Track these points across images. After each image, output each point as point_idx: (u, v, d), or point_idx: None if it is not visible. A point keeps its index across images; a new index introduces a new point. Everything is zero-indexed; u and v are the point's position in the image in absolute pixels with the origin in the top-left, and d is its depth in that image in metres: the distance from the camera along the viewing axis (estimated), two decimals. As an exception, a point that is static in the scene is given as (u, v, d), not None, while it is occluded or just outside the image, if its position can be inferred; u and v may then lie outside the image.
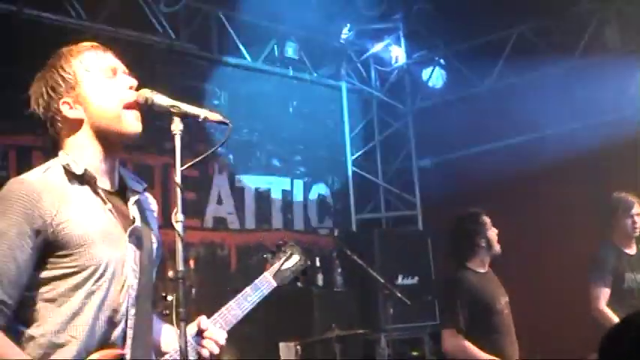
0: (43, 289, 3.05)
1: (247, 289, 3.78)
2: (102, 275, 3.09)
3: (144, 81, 3.36)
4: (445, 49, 11.30)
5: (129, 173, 3.45)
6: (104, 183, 3.24)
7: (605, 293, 7.19)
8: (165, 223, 3.17)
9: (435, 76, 11.57)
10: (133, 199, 3.32)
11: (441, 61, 11.54)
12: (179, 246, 2.94)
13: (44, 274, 3.05)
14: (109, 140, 3.24)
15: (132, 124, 3.21)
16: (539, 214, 10.15)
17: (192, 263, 8.66)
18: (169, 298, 3.08)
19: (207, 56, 9.61)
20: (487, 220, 7.01)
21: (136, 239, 3.22)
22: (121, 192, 3.32)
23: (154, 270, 3.37)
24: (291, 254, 4.10)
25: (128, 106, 3.20)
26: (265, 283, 3.88)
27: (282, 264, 4.03)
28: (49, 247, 3.03)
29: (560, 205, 9.90)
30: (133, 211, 3.29)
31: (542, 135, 10.26)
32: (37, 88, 3.26)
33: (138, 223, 3.27)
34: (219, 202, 9.77)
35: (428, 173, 11.62)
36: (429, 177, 11.56)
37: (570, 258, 9.10)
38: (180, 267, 2.94)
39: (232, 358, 8.15)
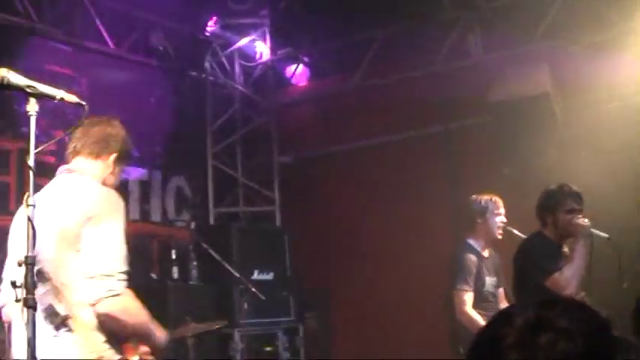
0: None
1: None
2: None
3: (2, 62, 3.29)
4: (310, 47, 11.37)
5: None
6: None
7: (470, 296, 7.10)
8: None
9: (298, 74, 11.64)
10: None
11: (305, 59, 11.61)
12: (29, 231, 2.88)
13: None
14: None
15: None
16: (399, 215, 10.31)
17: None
18: (18, 283, 3.02)
19: (69, 41, 9.40)
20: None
21: None
22: None
23: None
24: None
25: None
26: None
27: None
28: None
29: (421, 206, 10.08)
30: None
31: (403, 137, 10.44)
32: None
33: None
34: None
35: (288, 170, 11.66)
36: (289, 174, 11.62)
37: (429, 259, 9.29)
38: (30, 252, 2.89)
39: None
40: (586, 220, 6.41)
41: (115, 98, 9.70)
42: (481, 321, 6.91)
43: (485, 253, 7.36)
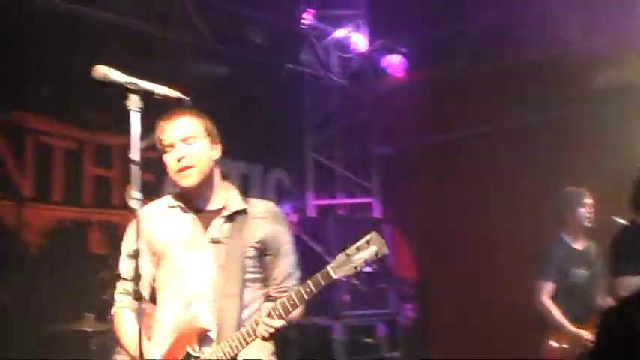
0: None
1: (308, 281, 3.96)
2: (178, 271, 4.09)
3: (103, 60, 3.33)
4: (407, 37, 11.29)
5: (230, 196, 4.28)
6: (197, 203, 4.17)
7: (549, 287, 7.36)
8: (123, 204, 3.19)
9: (395, 64, 11.57)
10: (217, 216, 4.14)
11: (402, 49, 11.54)
12: (135, 224, 2.92)
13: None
14: None
15: (181, 184, 4.14)
16: (499, 206, 10.20)
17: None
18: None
19: (168, 37, 9.52)
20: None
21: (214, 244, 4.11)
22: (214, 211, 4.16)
23: None
24: (367, 243, 4.16)
25: (176, 173, 4.15)
26: (325, 276, 3.98)
27: (352, 255, 4.07)
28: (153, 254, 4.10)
29: (523, 198, 9.95)
30: (216, 223, 4.10)
31: (503, 126, 10.30)
32: None
33: (211, 232, 4.07)
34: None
35: (386, 161, 11.63)
36: (387, 164, 11.59)
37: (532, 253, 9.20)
38: (136, 245, 2.93)
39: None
40: None
41: (215, 93, 9.80)
42: (556, 313, 7.27)
43: (578, 246, 7.52)
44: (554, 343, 7.34)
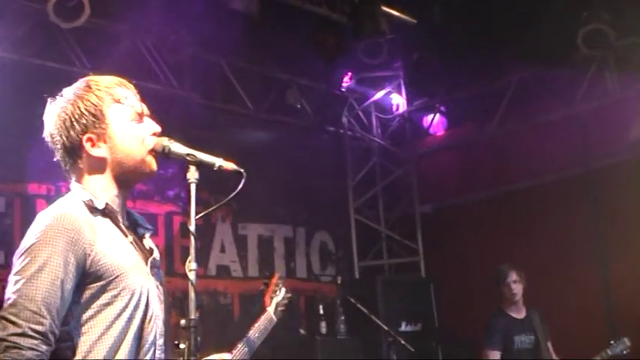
0: (85, 319, 2.94)
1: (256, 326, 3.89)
2: (137, 304, 3.00)
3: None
4: (446, 97, 11.35)
5: (135, 212, 3.34)
6: (121, 218, 3.17)
7: (495, 355, 8.01)
8: (168, 271, 3.21)
9: (435, 123, 11.63)
10: (147, 234, 3.26)
11: (442, 108, 11.60)
12: (191, 294, 2.94)
13: (84, 305, 2.95)
14: (127, 180, 3.19)
15: (152, 167, 3.17)
16: (539, 260, 10.12)
17: (198, 312, 8.61)
18: (182, 346, 3.08)
19: (209, 105, 9.65)
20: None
21: (157, 270, 3.18)
22: (132, 228, 3.23)
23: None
24: (280, 289, 4.48)
25: (150, 152, 3.16)
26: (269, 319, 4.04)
27: (278, 300, 4.31)
28: (86, 277, 2.92)
29: (566, 252, 9.88)
30: (150, 244, 3.24)
31: (544, 181, 10.26)
32: (58, 115, 3.14)
33: (156, 255, 3.22)
34: (222, 250, 9.77)
35: (429, 219, 11.60)
36: (431, 223, 11.55)
37: (576, 307, 9.16)
38: (192, 315, 2.94)
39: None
40: None
41: (257, 158, 9.88)
42: None
43: (519, 315, 8.31)
44: None
